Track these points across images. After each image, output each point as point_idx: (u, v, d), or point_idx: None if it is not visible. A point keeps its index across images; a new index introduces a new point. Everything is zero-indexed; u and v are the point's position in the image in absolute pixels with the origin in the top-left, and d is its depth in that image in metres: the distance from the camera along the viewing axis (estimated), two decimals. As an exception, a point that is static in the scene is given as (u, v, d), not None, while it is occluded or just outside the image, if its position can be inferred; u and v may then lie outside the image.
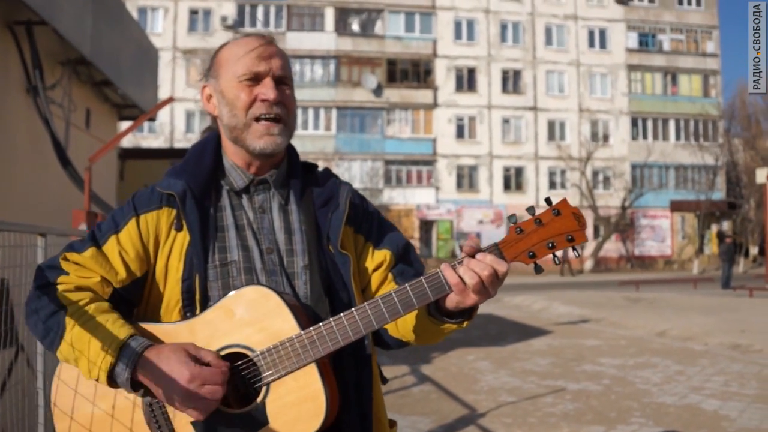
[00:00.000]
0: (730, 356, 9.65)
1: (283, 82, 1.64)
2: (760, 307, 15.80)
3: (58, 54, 6.71)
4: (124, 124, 10.16)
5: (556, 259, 1.55)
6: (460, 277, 1.46)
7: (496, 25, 40.52)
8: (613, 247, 40.00)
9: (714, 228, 40.44)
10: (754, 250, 41.23)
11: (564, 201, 1.51)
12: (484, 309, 15.87)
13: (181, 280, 1.56)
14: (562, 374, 8.50)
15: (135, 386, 1.46)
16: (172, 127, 36.75)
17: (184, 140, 35.56)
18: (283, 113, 1.63)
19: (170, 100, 5.86)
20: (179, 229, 1.59)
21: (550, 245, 1.49)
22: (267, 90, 1.60)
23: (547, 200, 1.50)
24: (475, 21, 40.41)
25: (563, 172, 40.12)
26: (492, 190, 39.40)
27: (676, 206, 40.59)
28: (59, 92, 6.81)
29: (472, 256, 1.48)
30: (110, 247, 1.58)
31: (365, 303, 1.49)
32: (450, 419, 6.41)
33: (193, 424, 1.50)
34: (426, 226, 37.99)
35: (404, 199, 37.01)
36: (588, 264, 37.93)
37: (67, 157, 6.22)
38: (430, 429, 6.08)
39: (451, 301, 1.49)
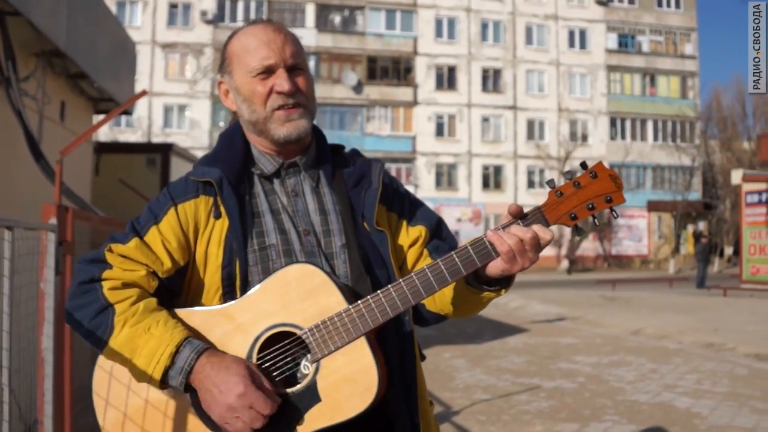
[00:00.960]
0: (704, 355, 9.77)
1: (297, 67, 1.64)
2: (734, 306, 16.01)
3: (32, 45, 6.60)
4: (101, 118, 10.04)
5: (595, 220, 1.56)
6: (506, 242, 1.46)
7: (476, 24, 40.63)
8: (590, 246, 40.33)
9: (690, 228, 40.88)
10: (728, 251, 41.76)
11: (600, 164, 1.52)
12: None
13: (221, 267, 1.56)
14: (538, 372, 8.55)
15: (187, 388, 1.46)
16: (150, 122, 36.39)
17: (162, 135, 35.25)
18: (302, 99, 1.63)
19: (143, 93, 5.79)
20: (218, 216, 1.59)
21: (590, 206, 1.50)
22: (282, 81, 1.60)
23: (583, 164, 1.51)
24: (456, 19, 40.48)
25: (542, 171, 40.35)
26: (471, 188, 39.54)
27: (653, 206, 41.01)
28: (33, 84, 6.71)
29: (515, 219, 1.49)
30: (152, 237, 1.57)
31: (412, 273, 1.49)
32: (425, 416, 6.41)
33: None
34: (405, 223, 37.96)
35: (384, 197, 36.97)
36: (565, 263, 38.20)
37: (40, 151, 6.14)
38: (405, 426, 6.07)
39: (496, 268, 1.49)
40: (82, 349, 4.14)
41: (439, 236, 1.76)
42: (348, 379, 1.45)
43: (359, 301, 1.47)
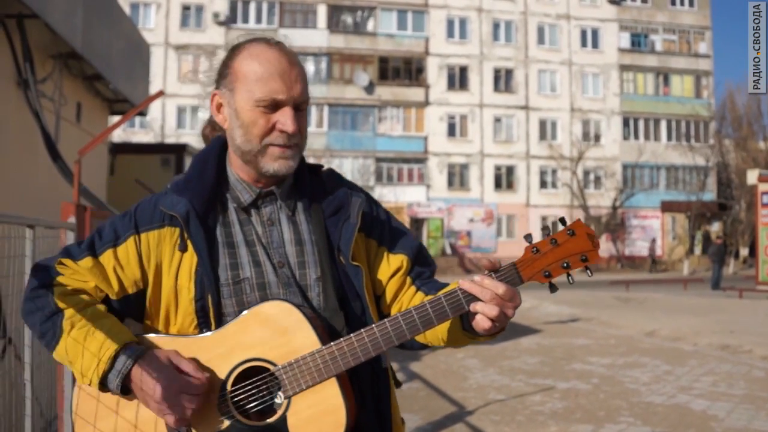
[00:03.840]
0: (719, 357, 9.70)
1: (301, 108, 1.59)
2: (750, 308, 15.89)
3: (49, 48, 6.66)
4: (116, 119, 10.11)
5: (570, 279, 1.57)
6: (486, 291, 1.46)
7: (488, 24, 40.54)
8: (603, 247, 40.08)
9: (704, 229, 40.60)
10: (744, 252, 41.43)
11: (578, 221, 1.53)
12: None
13: (194, 300, 1.56)
14: (551, 373, 8.52)
15: (125, 391, 1.50)
16: (163, 123, 36.59)
17: (175, 136, 35.42)
18: (299, 141, 1.60)
19: (160, 93, 5.83)
20: (184, 249, 1.57)
21: (565, 265, 1.51)
22: (286, 120, 1.55)
23: (562, 220, 1.53)
24: (467, 19, 40.42)
25: (554, 172, 40.21)
26: (483, 188, 39.45)
27: (666, 207, 40.76)
28: (50, 86, 6.77)
29: (489, 272, 1.50)
30: (106, 259, 1.57)
31: (385, 320, 1.51)
32: (438, 416, 6.42)
33: None
34: (417, 224, 37.98)
35: (395, 197, 36.99)
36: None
37: (58, 151, 6.19)
38: (419, 426, 6.08)
39: (476, 325, 1.50)
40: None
41: (421, 263, 1.75)
42: (316, 417, 1.50)
43: (332, 343, 1.49)
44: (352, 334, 1.50)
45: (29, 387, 2.99)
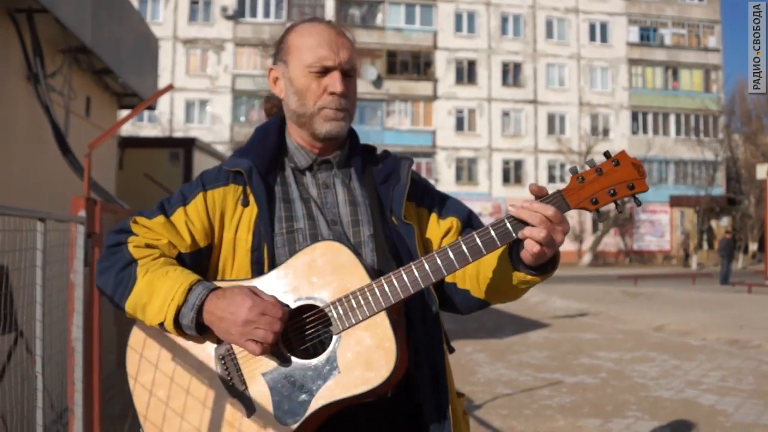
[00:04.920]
0: (728, 351, 9.68)
1: (349, 74, 1.71)
2: (759, 303, 15.84)
3: (58, 42, 6.68)
4: (124, 113, 10.12)
5: (618, 206, 1.56)
6: (535, 214, 1.46)
7: (496, 18, 40.41)
8: (611, 242, 40.03)
9: (708, 224, 40.42)
10: (753, 246, 41.25)
11: (623, 152, 1.53)
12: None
13: (250, 251, 1.62)
14: (559, 367, 8.52)
15: (200, 329, 1.52)
16: (172, 117, 36.66)
17: (183, 130, 35.51)
18: (348, 105, 1.70)
19: (170, 87, 5.85)
20: (246, 204, 1.65)
21: (612, 192, 1.50)
22: (335, 83, 1.66)
23: (606, 153, 1.52)
24: (475, 13, 40.30)
25: (563, 166, 40.09)
26: (491, 183, 39.40)
27: (675, 201, 40.60)
28: (60, 80, 6.79)
29: (536, 198, 1.51)
30: (178, 217, 1.64)
31: (433, 252, 1.52)
32: (447, 410, 6.43)
33: (264, 375, 1.52)
34: (425, 218, 37.92)
35: (403, 192, 36.92)
36: (586, 258, 37.96)
37: (67, 145, 6.21)
38: (427, 420, 6.09)
39: (529, 251, 1.48)
40: (110, 338, 4.20)
41: (472, 226, 1.76)
42: (366, 352, 1.48)
43: (381, 277, 1.51)
44: (400, 268, 1.52)
45: (40, 379, 3.02)
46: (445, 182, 38.54)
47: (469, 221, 1.78)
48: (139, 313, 1.56)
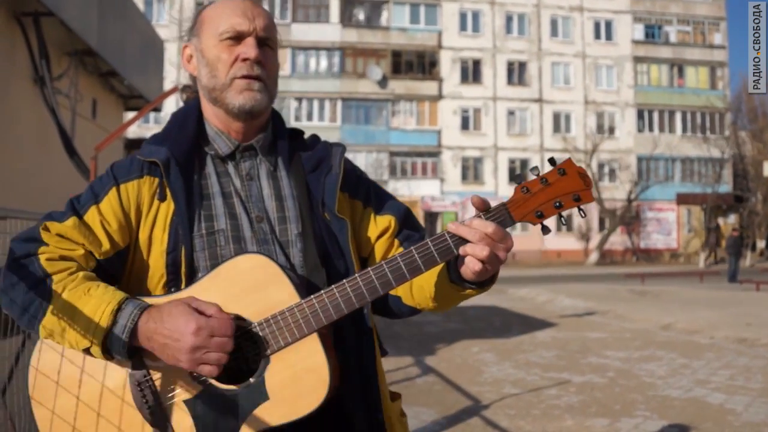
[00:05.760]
0: (736, 350, 9.63)
1: (266, 43, 1.57)
2: (767, 301, 15.76)
3: (64, 45, 6.71)
4: (130, 115, 10.16)
5: (562, 219, 1.52)
6: (476, 232, 1.39)
7: (501, 17, 40.38)
8: (618, 240, 39.93)
9: (715, 222, 40.28)
10: (761, 244, 41.09)
11: (569, 160, 1.46)
12: (488, 301, 15.89)
13: (165, 253, 1.48)
14: (567, 366, 8.50)
15: (131, 353, 1.38)
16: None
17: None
18: (264, 75, 1.55)
19: (175, 89, 5.86)
20: (162, 198, 1.51)
21: (557, 205, 1.43)
22: (248, 49, 1.53)
23: (551, 160, 1.46)
24: (480, 12, 40.27)
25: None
26: (497, 182, 39.34)
27: (682, 199, 40.47)
28: (66, 82, 6.82)
29: (478, 212, 1.43)
30: (91, 217, 1.48)
31: (369, 268, 1.42)
32: (454, 410, 6.42)
33: (186, 402, 1.41)
34: (431, 218, 37.97)
35: (409, 191, 36.98)
36: (593, 256, 37.88)
37: (74, 147, 6.24)
38: (434, 420, 6.09)
39: (466, 270, 1.42)
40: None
41: (410, 226, 1.68)
42: (297, 377, 1.39)
43: (312, 296, 1.40)
44: (333, 286, 1.41)
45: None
46: (451, 182, 38.53)
47: (406, 221, 1.68)
48: (57, 337, 1.40)
